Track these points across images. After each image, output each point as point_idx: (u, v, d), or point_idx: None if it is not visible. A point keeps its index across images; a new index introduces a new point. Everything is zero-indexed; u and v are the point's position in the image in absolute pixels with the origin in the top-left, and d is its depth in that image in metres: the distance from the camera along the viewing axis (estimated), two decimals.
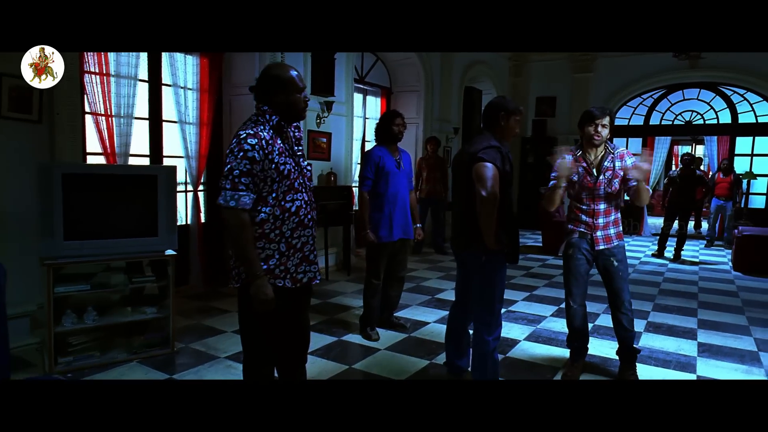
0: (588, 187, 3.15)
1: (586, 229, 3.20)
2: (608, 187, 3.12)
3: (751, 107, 10.23)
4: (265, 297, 2.08)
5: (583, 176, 3.16)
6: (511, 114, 2.79)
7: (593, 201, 3.15)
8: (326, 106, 6.17)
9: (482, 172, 2.57)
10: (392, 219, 3.87)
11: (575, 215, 3.25)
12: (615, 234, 3.19)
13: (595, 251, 3.19)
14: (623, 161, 3.13)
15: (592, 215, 3.17)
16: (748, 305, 5.39)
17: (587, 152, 3.18)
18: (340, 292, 5.45)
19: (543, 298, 5.40)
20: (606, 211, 3.16)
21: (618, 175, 3.12)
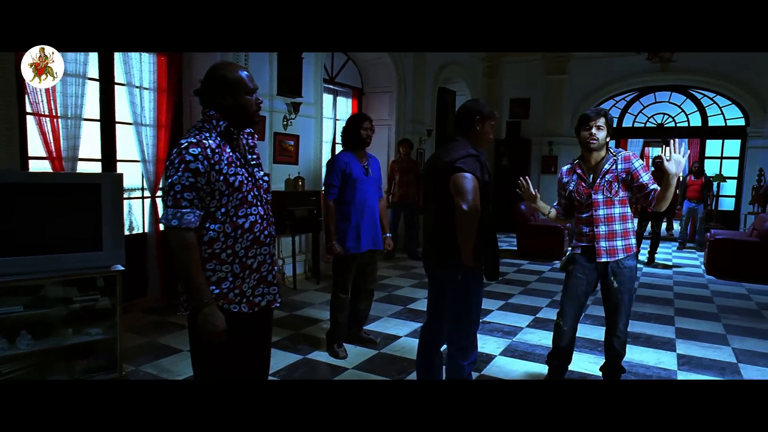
0: (584, 193, 2.96)
1: (587, 241, 2.98)
2: (608, 190, 2.91)
3: (720, 111, 10.31)
4: (213, 328, 1.83)
5: (577, 183, 2.98)
6: (487, 118, 2.59)
7: (591, 207, 2.94)
8: (293, 108, 5.91)
9: (462, 184, 2.36)
10: (360, 229, 3.64)
11: (578, 228, 3.06)
12: (622, 247, 2.93)
13: (598, 264, 2.96)
14: (629, 164, 2.89)
15: (591, 224, 2.95)
16: (724, 312, 5.32)
17: (586, 158, 3.00)
18: (308, 303, 5.19)
19: (519, 307, 5.23)
20: (607, 218, 2.92)
21: (620, 177, 2.90)
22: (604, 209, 2.92)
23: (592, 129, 2.89)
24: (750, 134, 9.89)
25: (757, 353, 4.11)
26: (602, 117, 2.90)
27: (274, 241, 2.11)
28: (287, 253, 5.93)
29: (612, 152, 2.97)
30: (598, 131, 2.89)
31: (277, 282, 2.15)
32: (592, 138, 2.89)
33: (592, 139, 2.90)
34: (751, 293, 6.22)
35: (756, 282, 6.77)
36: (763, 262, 6.94)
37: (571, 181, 3.01)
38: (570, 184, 3.00)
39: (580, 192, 2.97)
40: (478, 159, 2.45)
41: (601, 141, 2.91)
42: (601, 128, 2.89)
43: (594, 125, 2.89)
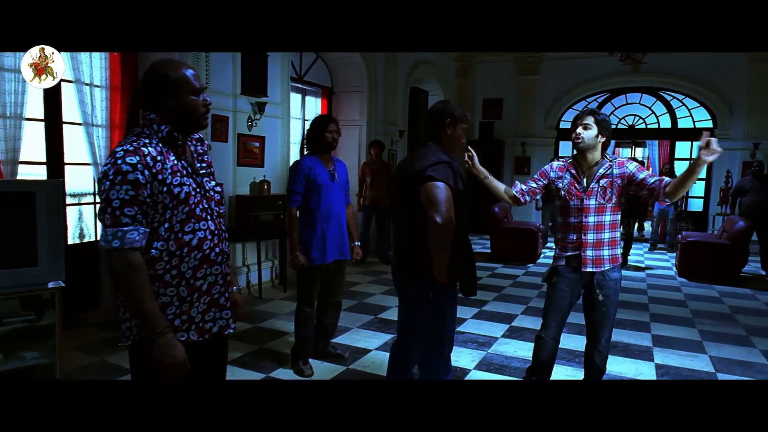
0: (577, 196, 2.77)
1: (573, 249, 2.80)
2: (601, 196, 2.73)
3: (689, 112, 10.39)
4: (172, 360, 1.60)
5: (570, 183, 2.79)
6: (458, 121, 2.39)
7: (582, 213, 2.75)
8: (258, 108, 5.63)
9: (434, 195, 2.16)
10: (326, 238, 3.41)
11: (562, 234, 2.86)
12: (609, 257, 2.77)
13: (583, 275, 2.79)
14: (622, 168, 2.72)
15: (579, 230, 2.76)
16: (698, 316, 5.26)
17: (580, 160, 2.81)
18: (274, 314, 4.93)
19: (493, 315, 5.07)
20: (597, 226, 2.74)
21: (615, 183, 2.73)
22: (594, 216, 2.74)
23: (578, 128, 2.72)
24: (717, 136, 9.95)
25: (734, 361, 4.03)
26: (590, 116, 2.72)
27: (227, 259, 1.87)
28: (252, 260, 5.65)
29: (608, 157, 2.79)
30: (584, 130, 2.71)
31: (235, 303, 1.92)
32: (576, 137, 2.72)
33: (576, 138, 2.73)
34: (722, 296, 6.20)
35: (727, 284, 6.77)
36: (734, 265, 6.97)
37: (563, 178, 2.81)
38: (560, 182, 2.81)
39: (572, 193, 2.78)
40: (451, 166, 2.25)
41: (588, 141, 2.71)
42: (588, 127, 2.70)
43: (580, 123, 2.72)
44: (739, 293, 6.37)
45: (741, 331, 4.81)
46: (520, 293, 6.03)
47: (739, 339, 4.57)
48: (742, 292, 6.45)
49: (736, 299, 6.06)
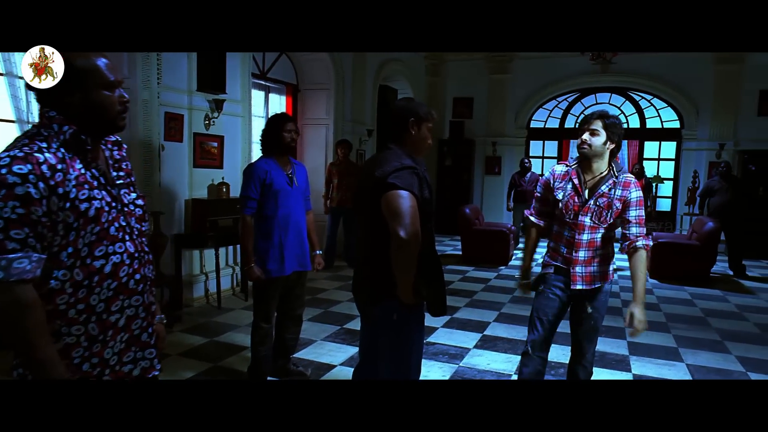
0: (573, 210, 2.53)
1: (562, 262, 2.59)
2: (596, 216, 2.50)
3: (657, 113, 10.43)
4: None
5: (570, 195, 2.55)
6: (423, 120, 2.14)
7: (575, 229, 2.53)
8: (216, 105, 5.28)
9: (397, 205, 1.90)
10: (284, 248, 3.12)
11: (554, 244, 2.66)
12: (599, 273, 2.57)
13: (571, 291, 2.58)
14: (626, 192, 2.48)
15: (571, 246, 2.55)
16: (672, 320, 5.16)
17: (584, 167, 2.57)
18: (233, 325, 4.61)
19: (465, 324, 4.85)
20: (590, 243, 2.53)
21: (613, 205, 2.49)
22: (588, 234, 2.53)
23: (584, 133, 2.49)
24: (684, 136, 10.05)
25: (712, 369, 3.91)
26: (598, 120, 2.47)
27: (151, 287, 1.57)
28: (211, 267, 5.30)
29: (615, 171, 2.53)
30: (592, 136, 2.47)
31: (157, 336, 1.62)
32: (582, 145, 2.49)
33: (582, 145, 2.49)
34: (694, 298, 6.14)
35: (697, 285, 6.74)
36: (704, 266, 6.94)
37: (563, 189, 2.57)
38: (560, 192, 2.57)
39: (569, 207, 2.55)
40: (416, 171, 2.00)
41: (595, 148, 2.47)
42: (596, 133, 2.46)
43: (587, 128, 2.48)
44: (710, 295, 6.33)
45: (715, 336, 4.71)
46: (492, 298, 5.84)
47: (714, 345, 4.47)
48: (713, 293, 6.42)
49: (708, 301, 6.00)
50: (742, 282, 7.16)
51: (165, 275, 4.54)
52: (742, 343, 4.55)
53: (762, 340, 4.65)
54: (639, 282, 2.48)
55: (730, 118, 9.61)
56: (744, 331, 4.91)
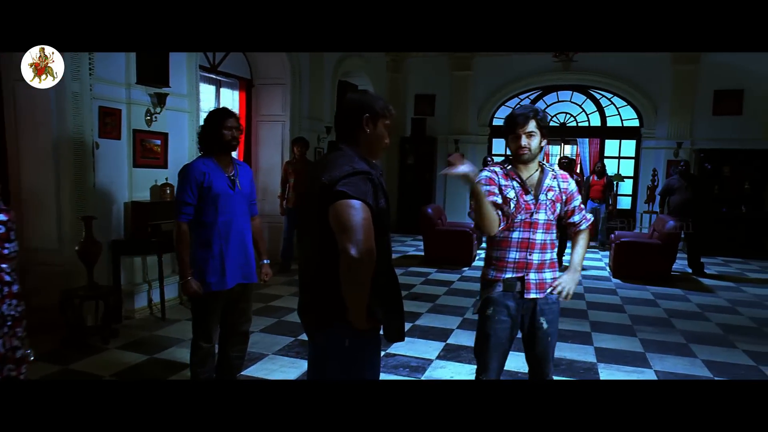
0: (526, 209, 2.32)
1: (515, 271, 2.35)
2: (551, 211, 2.35)
3: (617, 111, 10.48)
4: None
5: (519, 194, 2.34)
6: (380, 117, 1.86)
7: (530, 228, 2.33)
8: (159, 100, 4.87)
9: (348, 218, 1.62)
10: (225, 259, 2.79)
11: (500, 253, 2.39)
12: (551, 280, 2.39)
13: (524, 302, 2.35)
14: (567, 183, 2.42)
15: (526, 248, 2.33)
16: (637, 323, 5.06)
17: (518, 168, 2.38)
18: (176, 339, 4.23)
19: (428, 332, 4.61)
20: (543, 245, 2.34)
21: (560, 198, 2.38)
22: (542, 234, 2.34)
23: (521, 139, 2.29)
24: (644, 135, 10.12)
25: (680, 375, 3.79)
26: (532, 120, 2.28)
27: (18, 324, 1.25)
28: (154, 276, 4.90)
29: (547, 165, 2.42)
30: (530, 139, 2.29)
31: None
32: (521, 150, 2.29)
33: (522, 152, 2.30)
34: (657, 298, 6.09)
35: (659, 284, 6.71)
36: (665, 265, 6.93)
37: (510, 187, 2.35)
38: (509, 189, 2.35)
39: (520, 205, 2.33)
40: (370, 176, 1.72)
41: (535, 151, 2.31)
42: (533, 135, 2.29)
43: (522, 132, 2.28)
44: (672, 294, 6.30)
45: (680, 338, 4.63)
46: (455, 302, 5.63)
47: (680, 348, 4.37)
48: (674, 292, 6.39)
49: (670, 301, 5.96)
50: (701, 280, 7.19)
51: (100, 286, 4.12)
52: (707, 345, 4.47)
53: (725, 342, 4.59)
54: (579, 252, 2.46)
55: (687, 118, 9.72)
56: (707, 332, 4.85)
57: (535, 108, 2.36)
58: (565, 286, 2.37)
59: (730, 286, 6.90)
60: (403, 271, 7.19)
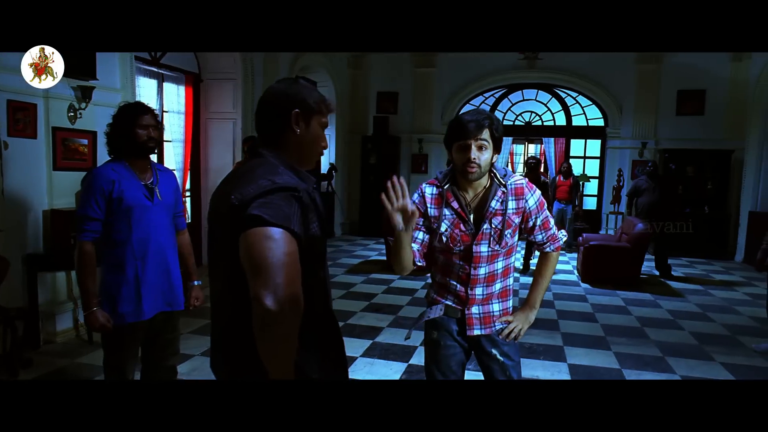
0: (462, 241, 1.93)
1: (455, 302, 1.99)
2: (495, 242, 1.93)
3: (583, 110, 10.33)
4: None
5: (453, 223, 1.94)
6: (314, 113, 1.45)
7: (469, 263, 1.94)
8: (83, 94, 4.31)
9: (262, 254, 1.17)
10: (141, 284, 2.31)
11: (441, 278, 2.03)
12: (499, 312, 2.02)
13: (467, 338, 2.00)
14: (521, 200, 1.95)
15: (466, 283, 1.96)
16: (610, 333, 4.79)
17: (461, 185, 1.96)
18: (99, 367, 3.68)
19: (388, 350, 4.21)
20: (489, 277, 1.96)
21: (512, 222, 1.94)
22: (486, 267, 1.95)
23: (470, 150, 1.84)
24: (609, 134, 9.99)
25: None
26: (486, 129, 1.85)
27: None
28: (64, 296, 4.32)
29: (499, 178, 1.96)
30: (481, 152, 1.86)
31: None
32: (470, 166, 1.85)
33: (470, 167, 1.86)
34: (627, 304, 5.87)
35: (628, 288, 6.51)
36: (635, 268, 6.74)
37: (443, 217, 1.95)
38: (443, 222, 1.95)
39: (455, 237, 1.93)
40: (296, 194, 1.29)
41: (485, 168, 1.88)
42: (485, 147, 1.86)
43: (473, 143, 1.84)
44: (642, 300, 6.10)
45: (656, 351, 4.38)
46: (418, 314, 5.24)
47: (657, 362, 4.11)
48: (645, 298, 6.19)
49: (641, 308, 5.74)
50: (669, 283, 7.04)
51: (7, 309, 3.55)
52: (684, 358, 4.23)
53: (701, 354, 4.37)
54: (538, 284, 2.10)
55: (651, 117, 9.63)
56: (682, 343, 4.62)
57: (489, 114, 1.91)
58: (515, 328, 2.01)
59: (697, 289, 6.76)
60: (365, 278, 6.78)
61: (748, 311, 5.75)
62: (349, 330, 4.66)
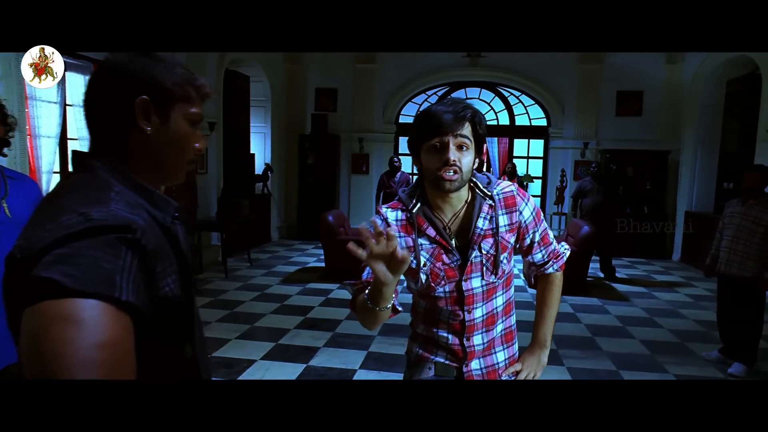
0: (447, 276, 1.46)
1: (449, 358, 1.53)
2: (490, 272, 1.47)
3: (526, 110, 10.21)
4: None
5: (433, 255, 1.47)
6: (174, 100, 0.94)
7: (462, 305, 1.48)
8: None
9: (51, 349, 0.65)
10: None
11: (427, 330, 1.55)
12: (505, 360, 1.56)
13: None
14: (514, 212, 1.49)
15: (460, 333, 1.50)
16: (562, 346, 4.52)
17: (434, 204, 1.49)
18: None
19: (323, 376, 3.72)
20: (488, 319, 1.51)
21: (507, 244, 1.49)
22: (483, 307, 1.49)
23: (448, 151, 1.37)
24: (551, 134, 9.91)
25: None
26: (467, 123, 1.38)
27: None
28: None
29: (482, 189, 1.49)
30: (462, 154, 1.38)
31: None
32: (447, 171, 1.37)
33: (447, 174, 1.37)
34: (576, 311, 5.66)
35: (575, 293, 6.32)
36: (582, 272, 6.57)
37: (416, 249, 1.46)
38: (413, 251, 1.46)
39: (437, 274, 1.47)
40: (127, 236, 0.77)
41: (467, 174, 1.41)
42: (466, 147, 1.38)
43: (451, 141, 1.37)
44: (590, 305, 5.92)
45: (609, 364, 4.14)
46: (359, 330, 4.78)
47: (612, 377, 3.86)
48: (592, 303, 6.02)
49: (590, 314, 5.55)
50: (614, 286, 6.94)
51: None
52: (638, 371, 4.02)
53: (654, 365, 4.17)
54: (545, 316, 1.63)
55: (593, 118, 9.61)
56: (634, 353, 4.42)
57: (470, 104, 1.42)
58: (528, 374, 1.57)
59: (642, 291, 6.69)
60: (301, 288, 6.26)
61: (692, 314, 5.68)
62: (280, 352, 4.15)
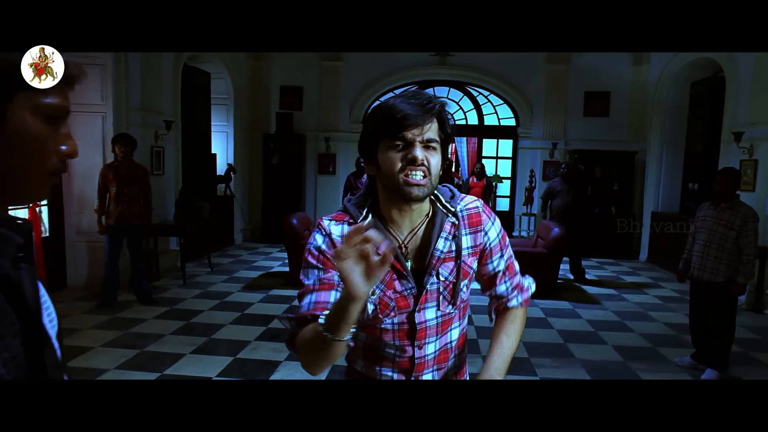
0: (399, 306, 1.23)
1: None
2: (447, 302, 1.26)
3: (495, 110, 10.13)
4: None
5: (385, 279, 1.21)
6: (14, 88, 0.69)
7: (413, 339, 1.25)
8: None
9: None
10: None
11: (366, 367, 1.32)
12: None
13: None
14: (478, 235, 1.28)
15: (408, 371, 1.28)
16: (534, 353, 4.40)
17: (390, 217, 1.25)
18: None
19: None
20: (441, 355, 1.30)
21: (468, 270, 1.27)
22: (436, 342, 1.28)
23: (414, 149, 1.14)
24: (520, 135, 9.85)
25: None
26: (434, 120, 1.16)
27: None
28: None
29: (444, 203, 1.27)
30: (431, 154, 1.16)
31: None
32: (414, 172, 1.14)
33: (414, 178, 1.14)
34: (548, 315, 5.56)
35: (546, 296, 6.22)
36: (552, 275, 6.48)
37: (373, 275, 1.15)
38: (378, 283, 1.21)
39: (386, 303, 1.22)
40: None
41: (435, 179, 1.18)
42: (432, 147, 1.16)
43: (417, 138, 1.14)
44: (561, 309, 5.82)
45: (583, 373, 4.03)
46: None
47: None
48: (563, 306, 5.93)
49: (561, 319, 5.45)
50: (584, 288, 6.89)
51: None
52: (612, 380, 3.89)
53: (628, 372, 4.08)
54: (501, 345, 1.31)
55: (561, 118, 9.60)
56: (607, 360, 4.33)
57: (436, 97, 1.20)
58: None
59: (611, 293, 6.65)
60: (263, 295, 5.99)
61: (662, 317, 5.64)
62: (238, 367, 3.90)
